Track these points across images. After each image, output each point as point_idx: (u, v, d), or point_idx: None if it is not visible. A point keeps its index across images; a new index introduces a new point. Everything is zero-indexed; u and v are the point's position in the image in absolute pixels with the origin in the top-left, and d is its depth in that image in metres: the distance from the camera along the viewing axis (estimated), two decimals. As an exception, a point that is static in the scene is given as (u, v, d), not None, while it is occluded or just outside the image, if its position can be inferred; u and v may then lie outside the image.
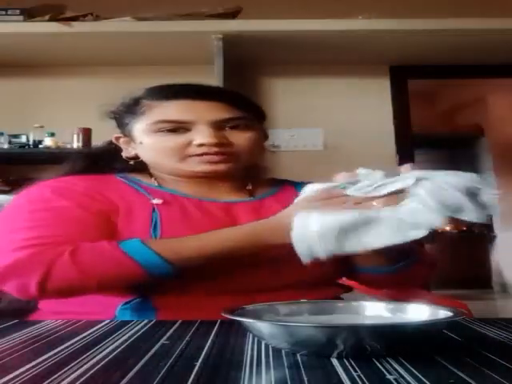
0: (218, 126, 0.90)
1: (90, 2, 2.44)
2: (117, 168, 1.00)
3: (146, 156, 0.96)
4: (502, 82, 3.72)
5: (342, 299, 0.98)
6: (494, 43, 2.48)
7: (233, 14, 2.40)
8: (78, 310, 0.83)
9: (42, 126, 2.39)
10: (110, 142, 1.03)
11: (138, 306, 0.81)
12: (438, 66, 2.80)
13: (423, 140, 4.80)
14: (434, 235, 0.79)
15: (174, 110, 0.91)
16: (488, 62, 2.73)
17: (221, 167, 0.91)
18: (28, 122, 2.42)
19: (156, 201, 0.89)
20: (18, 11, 2.34)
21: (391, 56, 2.67)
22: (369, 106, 2.73)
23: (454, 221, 0.70)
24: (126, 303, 0.81)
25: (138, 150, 0.95)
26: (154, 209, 0.87)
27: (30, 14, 2.36)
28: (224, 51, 2.35)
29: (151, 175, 0.98)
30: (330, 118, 2.70)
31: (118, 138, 0.99)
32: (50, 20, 2.32)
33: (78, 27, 2.32)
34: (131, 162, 0.98)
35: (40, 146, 2.37)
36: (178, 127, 0.89)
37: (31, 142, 2.39)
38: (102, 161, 1.02)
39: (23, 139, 2.40)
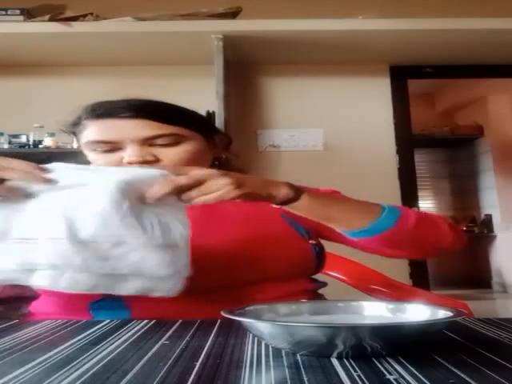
0: (147, 143, 0.88)
1: (90, 2, 2.44)
2: None
3: None
4: (502, 82, 3.73)
5: (322, 295, 0.98)
6: (494, 43, 2.48)
7: (233, 14, 2.40)
8: (58, 310, 0.85)
9: (42, 126, 2.39)
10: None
11: (108, 305, 0.82)
12: (438, 66, 2.80)
13: (423, 140, 4.81)
14: None
15: (101, 130, 0.89)
16: (488, 62, 2.74)
17: None
18: (28, 122, 2.42)
19: None
20: (18, 11, 2.34)
21: (391, 56, 2.67)
22: (369, 105, 2.73)
23: None
24: (94, 303, 0.83)
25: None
26: None
27: (29, 14, 2.36)
28: (224, 51, 2.35)
29: None
30: (330, 118, 2.70)
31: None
32: (50, 20, 2.32)
33: (78, 27, 2.32)
34: None
35: (40, 145, 2.37)
36: (110, 147, 0.88)
37: (31, 142, 2.39)
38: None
39: (23, 139, 2.40)
